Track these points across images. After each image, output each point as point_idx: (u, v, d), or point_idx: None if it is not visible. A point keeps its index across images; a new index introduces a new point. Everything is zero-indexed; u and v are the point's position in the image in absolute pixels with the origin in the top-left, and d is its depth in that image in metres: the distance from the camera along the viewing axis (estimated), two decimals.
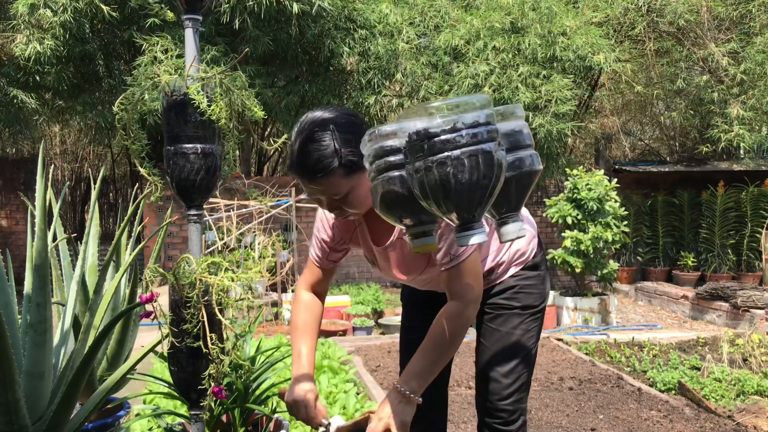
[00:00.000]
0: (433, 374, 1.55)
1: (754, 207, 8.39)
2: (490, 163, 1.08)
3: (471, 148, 1.08)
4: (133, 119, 1.35)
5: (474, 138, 1.09)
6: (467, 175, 1.08)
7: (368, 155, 1.23)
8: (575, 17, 7.34)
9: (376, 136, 1.21)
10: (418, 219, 1.21)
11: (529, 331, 1.79)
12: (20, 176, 10.06)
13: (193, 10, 1.34)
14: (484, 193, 1.10)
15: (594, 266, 6.37)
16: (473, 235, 1.12)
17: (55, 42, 6.04)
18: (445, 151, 1.08)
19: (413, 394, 1.49)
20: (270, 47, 6.64)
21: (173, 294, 1.30)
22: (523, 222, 1.22)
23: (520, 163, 1.19)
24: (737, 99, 7.64)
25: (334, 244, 1.75)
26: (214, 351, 1.27)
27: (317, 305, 1.78)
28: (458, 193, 1.09)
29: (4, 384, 1.38)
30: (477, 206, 1.11)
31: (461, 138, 1.08)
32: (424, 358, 1.54)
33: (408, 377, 1.52)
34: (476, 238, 1.12)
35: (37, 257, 1.52)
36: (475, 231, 1.12)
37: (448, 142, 1.09)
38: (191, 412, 1.39)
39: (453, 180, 1.08)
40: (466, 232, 1.12)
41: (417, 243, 1.21)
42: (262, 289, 6.32)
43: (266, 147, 1.88)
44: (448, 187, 1.09)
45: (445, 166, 1.08)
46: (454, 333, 1.53)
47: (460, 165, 1.07)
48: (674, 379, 3.87)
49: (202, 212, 1.38)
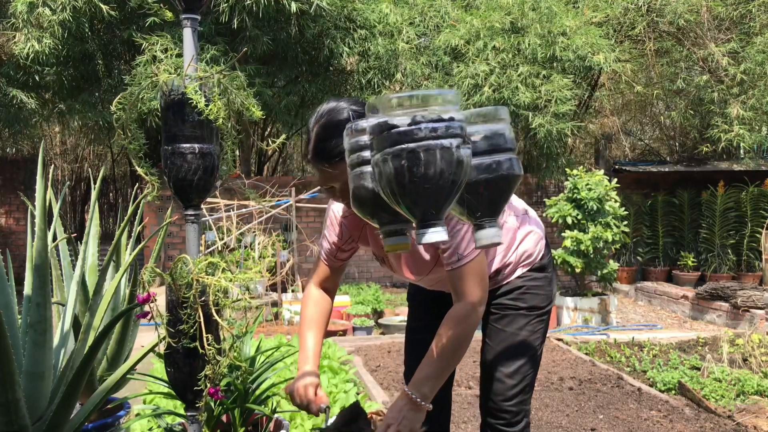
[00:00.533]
0: (443, 378, 1.54)
1: (754, 207, 8.38)
2: (448, 159, 1.06)
3: (428, 143, 1.05)
4: (131, 119, 1.35)
5: (433, 132, 1.06)
6: (422, 169, 1.05)
7: (347, 150, 1.22)
8: (575, 17, 7.34)
9: (352, 131, 1.19)
10: (390, 217, 1.18)
11: (534, 333, 1.79)
12: (20, 176, 10.06)
13: (191, 10, 1.34)
14: (442, 189, 1.07)
15: (594, 266, 6.37)
16: (430, 233, 1.09)
17: (53, 41, 6.04)
18: (402, 143, 1.06)
19: (423, 400, 1.49)
20: (270, 47, 6.65)
21: (170, 294, 1.30)
22: (500, 228, 1.20)
23: (497, 166, 1.17)
24: (737, 99, 7.64)
25: (342, 243, 1.76)
26: (210, 352, 1.27)
27: (326, 301, 1.80)
28: (413, 187, 1.06)
29: (4, 384, 1.38)
30: (434, 203, 1.09)
31: (419, 131, 1.06)
32: (433, 364, 1.53)
33: (418, 383, 1.51)
34: (433, 236, 1.09)
35: (37, 257, 1.52)
36: (433, 229, 1.09)
37: (405, 134, 1.06)
38: (188, 412, 1.39)
39: (407, 173, 1.05)
40: (424, 230, 1.10)
41: (389, 242, 1.18)
42: (262, 289, 6.32)
43: (265, 147, 1.87)
44: (402, 181, 1.06)
45: (400, 159, 1.06)
46: (461, 336, 1.53)
47: (415, 158, 1.05)
48: (674, 379, 3.87)
49: (199, 212, 1.38)
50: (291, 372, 3.50)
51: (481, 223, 1.19)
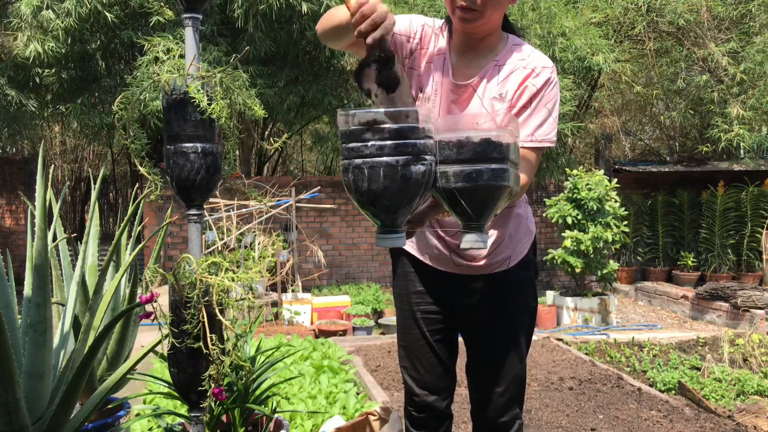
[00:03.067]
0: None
1: (754, 207, 8.38)
2: (392, 177, 1.12)
3: (372, 160, 1.12)
4: (133, 119, 1.35)
5: (379, 150, 1.12)
6: (366, 185, 1.13)
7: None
8: (574, 18, 7.33)
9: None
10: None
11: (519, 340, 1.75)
12: (20, 176, 10.06)
13: (193, 9, 1.34)
14: (390, 203, 1.14)
15: (594, 266, 6.37)
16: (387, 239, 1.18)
17: (56, 44, 6.06)
18: (351, 158, 1.15)
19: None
20: (271, 48, 6.64)
21: (173, 294, 1.30)
22: (485, 235, 1.23)
23: (477, 176, 1.19)
24: (737, 99, 7.64)
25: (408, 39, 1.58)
26: (214, 351, 1.27)
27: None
28: (359, 198, 1.16)
29: (4, 384, 1.38)
30: (384, 214, 1.17)
31: (365, 148, 1.13)
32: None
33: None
34: (389, 242, 1.17)
35: (37, 257, 1.52)
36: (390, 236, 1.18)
37: (352, 150, 1.15)
38: (191, 413, 1.38)
39: (353, 186, 1.15)
40: (382, 235, 1.19)
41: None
42: (262, 289, 6.31)
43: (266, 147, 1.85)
44: (351, 191, 1.16)
45: (348, 173, 1.15)
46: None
47: (360, 174, 1.13)
48: (674, 379, 3.86)
49: (202, 212, 1.38)
50: (291, 372, 3.50)
51: (469, 227, 1.24)
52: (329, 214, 8.34)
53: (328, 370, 3.62)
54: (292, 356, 3.82)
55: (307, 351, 4.04)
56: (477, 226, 1.23)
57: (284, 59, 7.28)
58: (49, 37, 6.04)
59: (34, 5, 5.93)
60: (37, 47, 6.01)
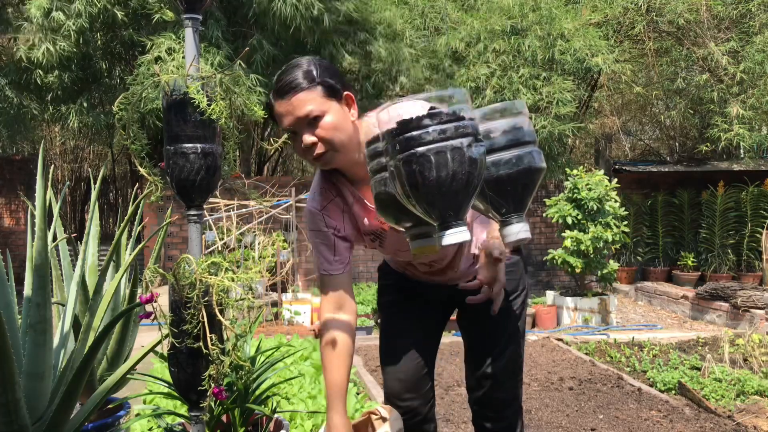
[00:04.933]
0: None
1: (754, 207, 8.38)
2: (460, 160, 1.05)
3: (438, 145, 1.05)
4: (133, 119, 1.35)
5: (442, 134, 1.06)
6: (434, 173, 1.05)
7: (366, 157, 1.24)
8: (574, 19, 7.34)
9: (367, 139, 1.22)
10: (414, 220, 1.18)
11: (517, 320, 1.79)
12: (20, 176, 10.06)
13: (192, 9, 1.34)
14: (458, 190, 1.07)
15: (594, 266, 6.37)
16: (450, 235, 1.09)
17: (68, 44, 6.08)
18: (411, 148, 1.07)
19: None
20: (273, 53, 6.64)
21: (173, 294, 1.30)
22: (526, 223, 1.19)
23: (518, 161, 1.16)
24: (737, 98, 7.64)
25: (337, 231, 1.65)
26: (214, 351, 1.27)
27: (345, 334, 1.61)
28: (427, 191, 1.06)
29: (4, 384, 1.38)
30: (451, 205, 1.08)
31: (427, 134, 1.06)
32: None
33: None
34: (453, 237, 1.09)
35: (37, 257, 1.52)
36: (453, 230, 1.09)
37: (414, 138, 1.07)
38: (191, 413, 1.38)
39: (420, 178, 1.05)
40: (444, 231, 1.09)
41: (415, 244, 1.19)
42: (262, 289, 6.31)
43: (266, 147, 1.86)
44: (416, 186, 1.06)
45: (411, 164, 1.06)
46: None
47: (427, 162, 1.05)
48: (674, 379, 3.87)
49: (202, 212, 1.38)
50: (291, 372, 3.50)
51: (508, 219, 1.18)
52: None
53: None
54: (292, 356, 3.82)
55: (307, 351, 4.04)
56: (517, 217, 1.17)
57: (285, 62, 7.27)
58: (60, 37, 6.06)
59: (44, 7, 5.95)
60: (49, 47, 6.04)
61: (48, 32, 6.08)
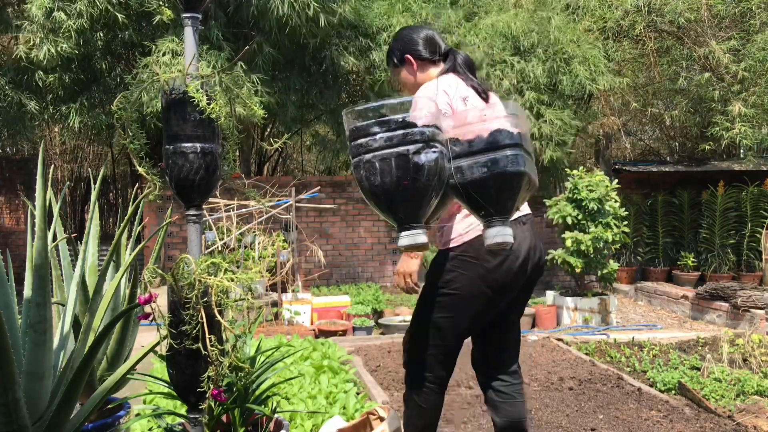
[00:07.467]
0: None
1: (754, 207, 8.38)
2: (405, 167, 1.08)
3: (383, 152, 1.09)
4: (132, 118, 1.35)
5: (388, 141, 1.10)
6: (379, 179, 1.09)
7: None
8: (573, 30, 7.33)
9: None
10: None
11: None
12: (20, 176, 10.06)
13: (192, 9, 1.34)
14: (406, 195, 1.10)
15: (594, 266, 6.37)
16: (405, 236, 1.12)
17: (69, 44, 6.08)
18: (360, 155, 1.12)
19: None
20: (274, 55, 6.63)
21: (172, 295, 1.30)
22: (508, 228, 1.19)
23: (493, 164, 1.16)
24: (738, 97, 7.63)
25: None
26: (213, 353, 1.27)
27: None
28: (374, 195, 1.12)
29: (4, 384, 1.38)
30: (403, 208, 1.11)
31: (374, 142, 1.10)
32: None
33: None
34: (407, 239, 1.12)
35: (37, 257, 1.52)
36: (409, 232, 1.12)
37: (361, 146, 1.12)
38: (190, 414, 1.38)
39: (367, 183, 1.11)
40: (400, 233, 1.13)
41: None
42: (262, 289, 6.31)
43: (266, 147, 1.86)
44: (365, 190, 1.13)
45: (360, 170, 1.12)
46: None
47: (372, 168, 1.10)
48: (674, 379, 3.86)
49: (201, 212, 1.38)
50: (291, 372, 3.50)
51: (490, 221, 1.19)
52: (329, 214, 8.34)
53: (328, 370, 3.62)
54: (292, 356, 3.82)
55: (307, 351, 4.04)
56: (499, 219, 1.18)
57: (286, 65, 7.26)
58: (61, 38, 6.05)
59: (46, 7, 5.94)
60: (51, 48, 6.02)
61: (49, 33, 6.07)
